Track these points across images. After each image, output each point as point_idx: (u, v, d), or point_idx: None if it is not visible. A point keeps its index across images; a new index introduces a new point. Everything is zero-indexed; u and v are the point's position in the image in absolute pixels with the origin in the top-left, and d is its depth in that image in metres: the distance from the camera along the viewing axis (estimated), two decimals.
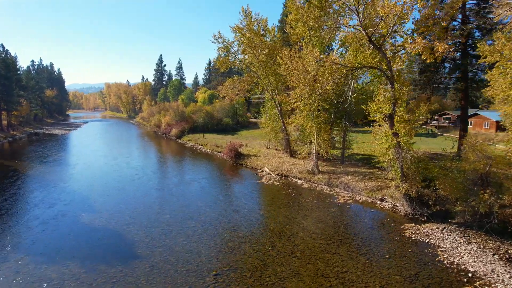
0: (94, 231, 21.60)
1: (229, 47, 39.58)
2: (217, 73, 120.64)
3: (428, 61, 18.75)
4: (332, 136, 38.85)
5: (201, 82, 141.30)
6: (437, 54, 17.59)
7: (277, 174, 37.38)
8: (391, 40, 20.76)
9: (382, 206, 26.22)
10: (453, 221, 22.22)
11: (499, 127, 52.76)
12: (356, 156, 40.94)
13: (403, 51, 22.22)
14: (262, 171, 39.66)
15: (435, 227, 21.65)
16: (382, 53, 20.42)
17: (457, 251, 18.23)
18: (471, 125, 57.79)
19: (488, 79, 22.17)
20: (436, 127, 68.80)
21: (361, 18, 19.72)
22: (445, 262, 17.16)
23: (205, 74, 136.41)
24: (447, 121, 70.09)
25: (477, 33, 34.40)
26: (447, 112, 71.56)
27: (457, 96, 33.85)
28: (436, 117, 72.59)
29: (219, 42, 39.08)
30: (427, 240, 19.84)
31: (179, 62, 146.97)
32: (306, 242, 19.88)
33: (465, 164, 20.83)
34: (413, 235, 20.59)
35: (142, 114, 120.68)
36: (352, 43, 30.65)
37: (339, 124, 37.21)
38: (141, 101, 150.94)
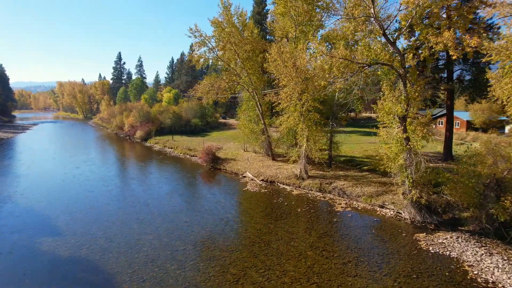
0: (60, 264, 17.42)
1: (207, 42, 36.11)
2: (181, 72, 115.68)
3: (454, 57, 17.19)
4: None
5: (163, 81, 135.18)
6: (468, 49, 16.00)
7: (262, 180, 34.71)
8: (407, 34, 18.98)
9: (384, 214, 24.54)
10: (464, 228, 20.97)
11: (469, 126, 54.46)
12: (340, 158, 39.40)
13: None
14: (244, 176, 36.80)
15: (448, 236, 20.22)
16: (396, 49, 18.59)
17: (484, 265, 16.74)
18: (441, 124, 59.14)
19: (490, 79, 21.23)
20: None
21: (375, 9, 17.68)
22: (479, 280, 15.51)
23: (168, 72, 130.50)
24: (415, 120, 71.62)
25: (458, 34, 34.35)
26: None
27: (445, 96, 33.29)
28: None
29: (195, 37, 35.48)
30: (447, 252, 18.23)
31: (140, 60, 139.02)
32: (320, 263, 17.41)
33: (480, 168, 19.53)
34: (430, 247, 18.92)
35: (101, 115, 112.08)
36: (340, 40, 28.84)
37: (325, 125, 35.37)
38: (98, 101, 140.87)
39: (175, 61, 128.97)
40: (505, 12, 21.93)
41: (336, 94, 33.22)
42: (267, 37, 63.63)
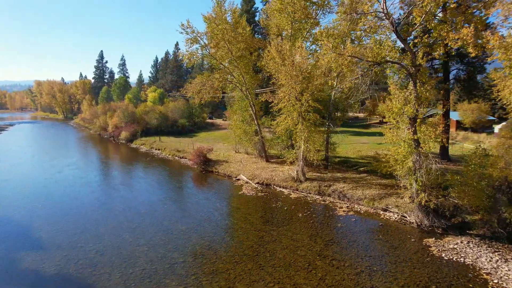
0: (45, 283, 15.64)
1: (199, 38, 34.50)
2: (166, 71, 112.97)
3: (472, 55, 16.45)
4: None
5: (146, 80, 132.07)
6: (488, 46, 15.28)
7: (258, 183, 33.42)
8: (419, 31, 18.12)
9: (388, 217, 23.71)
10: (473, 232, 20.35)
11: (459, 126, 54.84)
12: (335, 159, 38.56)
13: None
14: (238, 179, 35.42)
15: (458, 241, 19.53)
16: (408, 46, 17.73)
17: (503, 273, 16.04)
18: None
19: (494, 79, 20.72)
20: None
21: (385, 4, 16.75)
22: None
23: (152, 71, 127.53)
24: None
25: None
26: None
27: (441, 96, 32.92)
28: None
29: (187, 33, 33.80)
30: (461, 259, 17.47)
31: (122, 59, 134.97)
32: (331, 274, 16.30)
33: (491, 171, 18.90)
34: (443, 253, 18.14)
35: (83, 115, 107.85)
36: (336, 38, 27.93)
37: (321, 125, 34.43)
38: (79, 101, 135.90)
39: (159, 60, 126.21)
40: (509, 10, 21.47)
41: (333, 94, 32.39)
42: (255, 35, 62.43)
